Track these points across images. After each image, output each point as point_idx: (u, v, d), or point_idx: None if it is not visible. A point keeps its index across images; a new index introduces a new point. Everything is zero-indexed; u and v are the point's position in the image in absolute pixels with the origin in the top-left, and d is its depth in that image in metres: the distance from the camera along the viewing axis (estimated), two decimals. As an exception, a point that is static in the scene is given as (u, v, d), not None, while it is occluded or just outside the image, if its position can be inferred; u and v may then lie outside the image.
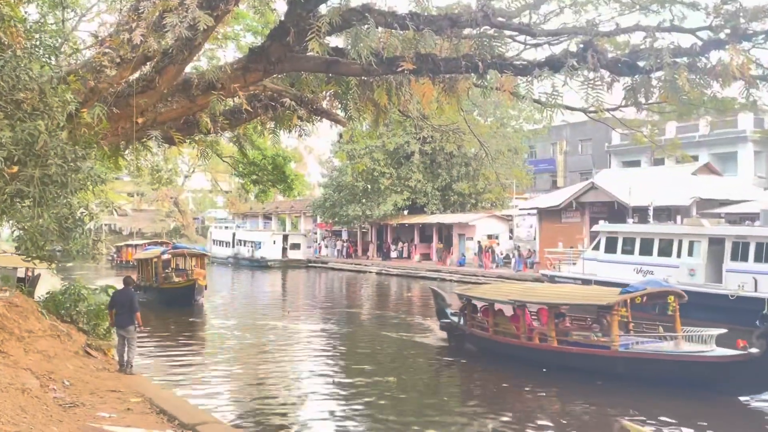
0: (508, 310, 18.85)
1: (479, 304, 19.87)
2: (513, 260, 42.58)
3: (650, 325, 17.27)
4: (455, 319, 20.44)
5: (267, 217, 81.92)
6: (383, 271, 49.74)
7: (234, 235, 66.70)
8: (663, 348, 15.69)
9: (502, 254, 44.99)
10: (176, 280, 30.29)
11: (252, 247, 60.92)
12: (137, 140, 12.03)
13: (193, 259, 32.37)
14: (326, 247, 63.41)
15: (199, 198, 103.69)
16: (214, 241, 70.17)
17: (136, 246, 56.52)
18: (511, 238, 47.48)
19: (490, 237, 47.28)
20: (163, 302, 28.75)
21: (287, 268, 56.41)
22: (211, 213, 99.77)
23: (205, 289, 29.52)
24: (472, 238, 47.75)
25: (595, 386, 15.19)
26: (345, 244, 60.68)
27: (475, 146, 46.33)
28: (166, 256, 32.02)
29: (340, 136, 15.21)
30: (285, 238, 60.97)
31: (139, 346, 14.60)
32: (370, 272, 50.17)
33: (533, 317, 18.44)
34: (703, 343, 15.57)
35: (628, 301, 16.27)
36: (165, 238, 74.77)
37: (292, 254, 59.55)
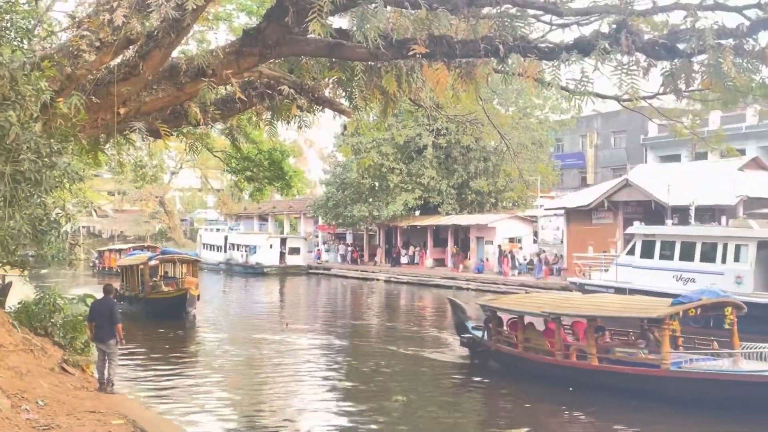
0: (540, 324, 18.58)
1: (506, 317, 19.60)
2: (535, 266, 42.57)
3: (703, 340, 16.84)
4: (478, 333, 20.24)
5: (263, 218, 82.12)
6: (392, 279, 49.78)
7: (226, 238, 66.88)
8: (721, 367, 15.21)
9: (525, 260, 44.93)
10: (165, 289, 30.23)
11: (246, 251, 61.10)
12: (119, 133, 12.07)
13: (184, 266, 32.35)
14: (327, 251, 63.49)
15: (188, 197, 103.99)
16: (204, 245, 70.39)
17: (119, 250, 56.76)
18: (535, 241, 47.38)
19: (511, 240, 47.22)
20: (150, 314, 28.78)
21: (285, 275, 56.56)
22: (201, 214, 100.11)
23: (198, 299, 29.56)
24: (491, 242, 47.71)
25: (640, 410, 14.90)
26: (349, 249, 60.75)
27: (495, 139, 46.33)
28: (153, 263, 32.02)
29: (345, 128, 15.22)
30: (283, 241, 61.13)
31: (121, 362, 14.65)
32: (378, 280, 50.23)
33: (566, 331, 18.12)
34: (764, 360, 15.26)
35: (681, 313, 15.61)
36: (150, 242, 75.02)
37: (291, 260, 59.70)
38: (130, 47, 10.27)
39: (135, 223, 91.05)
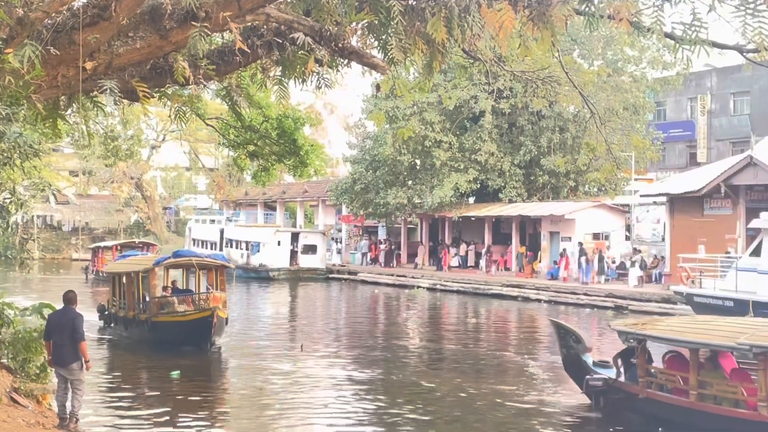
0: (726, 361, 17.25)
1: (662, 350, 18.26)
2: (619, 267, 42.34)
3: None
4: (604, 371, 18.91)
5: (269, 206, 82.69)
6: (438, 286, 49.93)
7: (222, 232, 67.46)
8: None
9: (613, 262, 44.66)
10: (180, 309, 27.20)
11: (247, 249, 61.51)
12: (84, 94, 12.16)
13: (205, 275, 29.45)
14: (355, 250, 63.71)
15: (172, 179, 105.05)
16: (193, 240, 71.19)
17: (121, 247, 56.19)
18: (627, 238, 47.05)
19: (596, 237, 46.96)
20: (156, 343, 27.02)
21: (297, 280, 56.96)
22: (189, 200, 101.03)
23: (226, 323, 27.66)
24: (569, 239, 47.50)
25: None
26: (382, 247, 60.87)
27: (575, 103, 45.82)
28: (158, 269, 29.40)
29: (377, 88, 15.13)
30: (295, 237, 61.57)
31: (95, 396, 14.83)
32: (420, 287, 50.37)
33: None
34: None
35: None
36: (124, 237, 75.97)
37: (306, 260, 60.10)
38: (99, -18, 10.33)
39: (104, 212, 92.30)
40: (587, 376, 18.89)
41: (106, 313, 31.56)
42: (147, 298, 28.63)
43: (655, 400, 17.55)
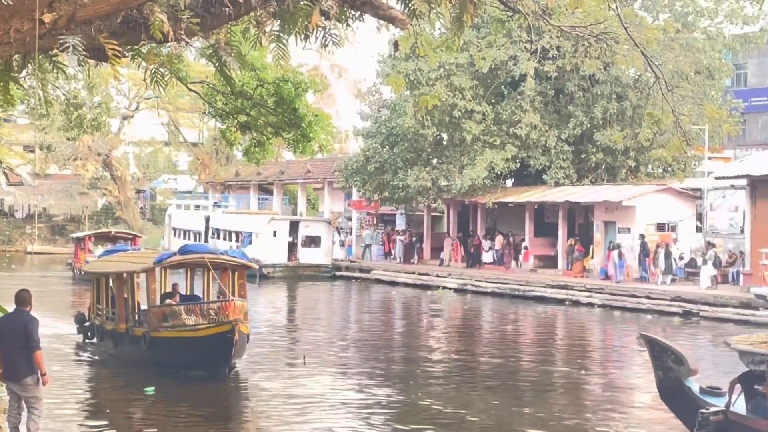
0: None
1: None
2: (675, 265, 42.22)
3: None
4: (717, 401, 17.67)
5: (265, 189, 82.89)
6: (469, 286, 49.98)
7: (207, 220, 67.64)
8: None
9: (681, 258, 44.51)
10: (189, 321, 25.31)
11: (237, 241, 61.67)
12: (42, 53, 12.20)
13: (218, 276, 27.52)
14: (369, 244, 63.70)
15: (147, 156, 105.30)
16: (174, 230, 71.49)
17: (114, 237, 56.90)
18: (699, 229, 46.89)
19: (661, 228, 46.82)
20: (156, 365, 25.51)
21: (297, 278, 57.05)
22: (168, 182, 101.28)
23: (248, 340, 26.05)
24: (628, 230, 47.38)
25: None
26: (400, 238, 60.83)
27: (636, 65, 45.45)
28: (159, 269, 27.79)
29: (396, 46, 15.02)
30: (294, 226, 61.80)
31: (47, 411, 14.88)
32: (446, 288, 50.54)
33: None
34: None
35: None
36: (89, 225, 76.18)
37: (307, 255, 60.32)
38: None
39: (65, 196, 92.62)
40: (703, 410, 17.33)
41: (87, 324, 30.20)
42: (143, 307, 27.11)
43: None
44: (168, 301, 26.76)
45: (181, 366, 24.75)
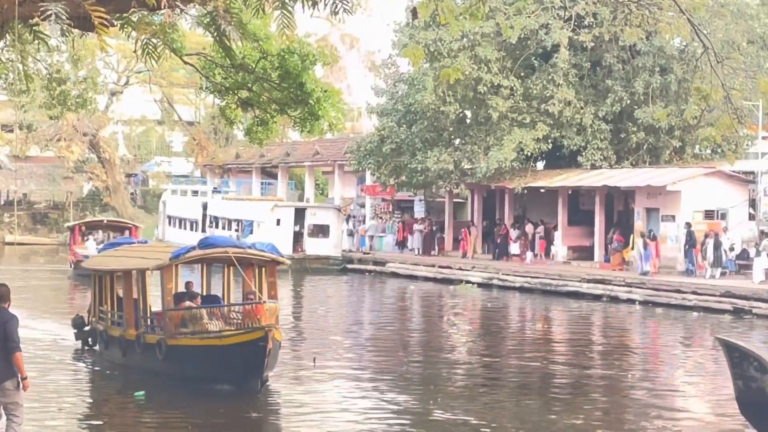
0: None
1: None
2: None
3: None
4: None
5: (268, 173, 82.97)
6: (495, 281, 50.14)
7: (205, 206, 67.74)
8: None
9: (732, 249, 44.46)
10: (212, 327, 24.38)
11: (237, 230, 61.78)
12: (22, 21, 12.40)
13: (241, 273, 26.50)
14: (382, 233, 63.78)
15: (138, 136, 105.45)
16: (169, 218, 71.67)
17: (117, 226, 57.29)
18: (752, 217, 46.88)
19: (709, 216, 46.80)
20: (174, 378, 24.76)
21: (304, 271, 57.12)
22: (161, 165, 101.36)
23: (280, 347, 24.88)
24: (673, 217, 47.38)
25: None
26: (419, 227, 60.82)
27: (681, 34, 45.40)
28: (172, 267, 25.97)
29: (414, 14, 15.09)
30: (300, 214, 62.01)
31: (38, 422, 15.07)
32: (470, 282, 50.66)
33: None
34: None
35: None
36: (74, 212, 76.28)
37: (314, 246, 60.37)
38: None
39: (48, 181, 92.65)
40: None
41: (87, 329, 29.22)
42: (154, 309, 26.57)
43: None
44: (188, 303, 25.43)
45: (203, 379, 23.86)
